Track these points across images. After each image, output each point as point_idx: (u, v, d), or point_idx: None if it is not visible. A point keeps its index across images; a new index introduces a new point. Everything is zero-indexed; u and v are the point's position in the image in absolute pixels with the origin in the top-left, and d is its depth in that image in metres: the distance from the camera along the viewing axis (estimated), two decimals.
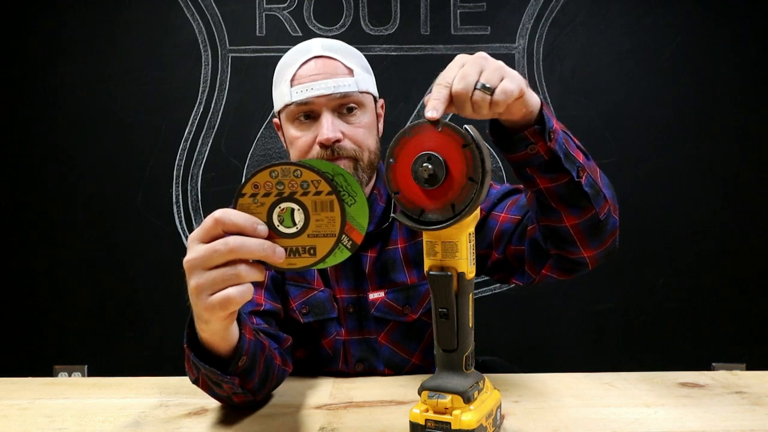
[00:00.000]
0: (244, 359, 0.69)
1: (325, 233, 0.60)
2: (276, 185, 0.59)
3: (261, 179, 0.59)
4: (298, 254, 0.60)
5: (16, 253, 2.05)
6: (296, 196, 0.59)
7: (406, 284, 0.99)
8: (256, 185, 0.59)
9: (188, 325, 0.67)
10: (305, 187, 0.59)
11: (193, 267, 0.58)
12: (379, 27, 2.02)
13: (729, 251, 2.01)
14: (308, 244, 0.60)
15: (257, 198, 0.59)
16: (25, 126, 2.04)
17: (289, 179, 0.59)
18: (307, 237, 0.60)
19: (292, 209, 0.60)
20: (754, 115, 2.00)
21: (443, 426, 0.60)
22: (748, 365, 1.95)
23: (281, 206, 0.60)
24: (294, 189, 0.59)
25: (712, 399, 0.82)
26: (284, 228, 0.60)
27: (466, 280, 0.62)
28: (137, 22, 2.03)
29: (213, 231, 0.58)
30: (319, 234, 0.60)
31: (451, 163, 0.58)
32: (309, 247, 0.60)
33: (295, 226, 0.60)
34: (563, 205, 0.78)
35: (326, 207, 0.60)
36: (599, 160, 0.83)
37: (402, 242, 1.00)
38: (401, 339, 0.99)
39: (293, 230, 0.60)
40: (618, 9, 2.01)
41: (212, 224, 0.58)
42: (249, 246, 0.57)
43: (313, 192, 0.59)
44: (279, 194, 0.59)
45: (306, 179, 0.59)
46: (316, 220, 0.60)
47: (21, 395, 0.87)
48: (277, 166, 0.59)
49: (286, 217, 0.60)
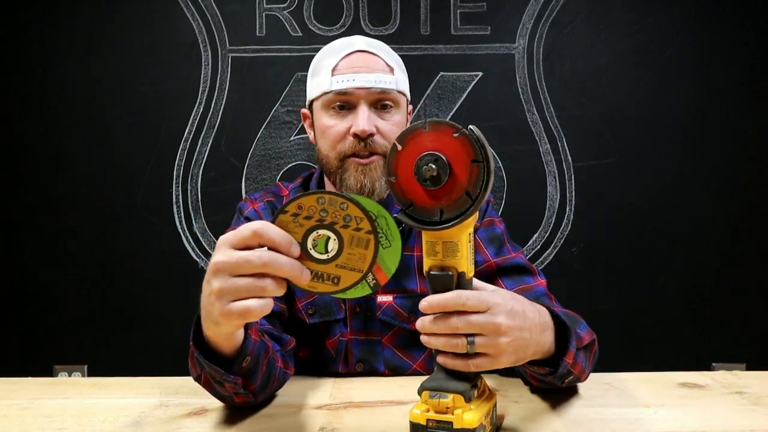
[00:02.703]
0: (248, 360, 0.69)
1: (353, 267, 0.62)
2: (320, 212, 0.61)
3: (307, 202, 0.61)
4: (322, 280, 0.62)
5: (16, 253, 2.05)
6: (336, 227, 0.61)
7: (416, 292, 0.99)
8: (301, 206, 0.61)
9: (195, 322, 0.67)
10: (347, 220, 0.61)
11: (220, 270, 0.58)
12: (379, 27, 2.02)
13: (729, 251, 2.00)
14: (334, 273, 0.62)
15: (298, 219, 0.61)
16: (24, 126, 2.04)
17: (334, 209, 0.61)
18: (335, 267, 0.62)
19: (328, 237, 0.61)
20: (755, 115, 2.00)
21: (445, 426, 0.61)
22: (748, 365, 1.95)
23: (319, 232, 0.61)
24: (336, 220, 0.61)
25: (712, 399, 0.82)
26: (316, 253, 0.61)
27: (466, 279, 0.62)
28: (137, 22, 2.02)
29: (249, 240, 0.58)
30: (347, 267, 0.62)
31: (455, 171, 0.58)
32: (334, 276, 0.62)
33: (326, 254, 0.61)
34: (535, 380, 0.79)
35: (362, 244, 0.61)
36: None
37: (419, 250, 0.99)
38: (405, 344, 0.99)
39: (324, 257, 0.61)
40: (618, 9, 2.01)
41: (250, 234, 0.58)
42: (281, 263, 0.58)
43: (353, 227, 0.61)
44: (320, 220, 0.61)
45: (350, 213, 0.61)
46: (348, 254, 0.61)
47: (21, 395, 0.87)
48: (326, 194, 0.61)
49: (321, 244, 0.61)
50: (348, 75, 0.93)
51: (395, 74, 0.96)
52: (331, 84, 0.93)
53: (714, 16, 1.99)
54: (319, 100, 0.96)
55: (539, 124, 2.01)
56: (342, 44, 0.98)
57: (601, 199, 2.01)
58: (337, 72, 0.94)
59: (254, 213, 1.02)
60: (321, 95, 0.96)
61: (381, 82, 0.93)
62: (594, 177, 2.00)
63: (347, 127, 0.93)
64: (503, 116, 2.02)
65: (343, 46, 0.97)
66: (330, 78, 0.94)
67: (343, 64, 0.95)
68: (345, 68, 0.94)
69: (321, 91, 0.95)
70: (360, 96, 0.93)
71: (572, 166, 2.00)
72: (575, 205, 2.01)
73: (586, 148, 2.00)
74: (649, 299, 2.01)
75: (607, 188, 2.00)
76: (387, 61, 0.96)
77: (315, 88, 0.97)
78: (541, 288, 0.94)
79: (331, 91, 0.93)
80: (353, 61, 0.95)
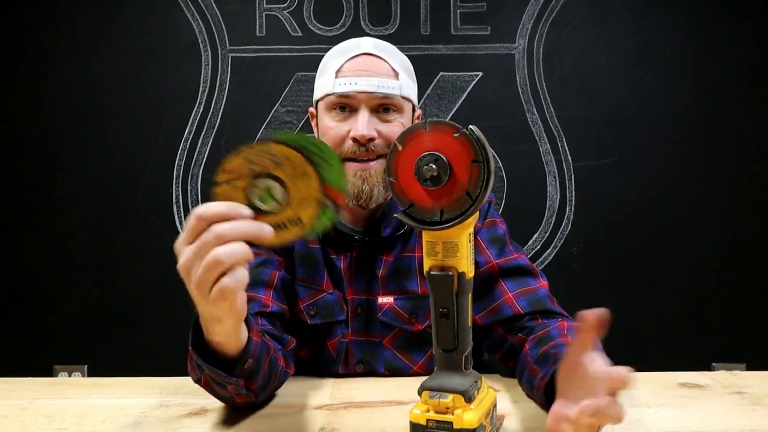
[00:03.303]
0: (250, 362, 0.69)
1: (307, 201, 0.59)
2: (249, 167, 0.59)
3: (232, 164, 0.59)
4: (286, 227, 0.60)
5: (17, 253, 2.05)
6: (271, 172, 0.59)
7: (417, 293, 0.98)
8: (229, 171, 0.59)
9: (193, 327, 0.67)
10: (278, 161, 0.59)
11: (188, 270, 0.57)
12: (379, 27, 2.02)
13: (729, 251, 2.01)
14: (292, 215, 0.60)
15: (233, 183, 0.59)
16: (24, 126, 2.04)
17: (261, 158, 0.58)
18: (291, 209, 0.59)
19: (269, 186, 0.59)
20: (755, 115, 2.00)
21: (445, 426, 0.60)
22: (748, 365, 1.95)
23: (258, 185, 0.59)
24: (266, 166, 0.59)
25: (712, 399, 0.82)
26: (267, 206, 0.59)
27: (466, 279, 0.62)
28: (137, 22, 2.02)
29: (198, 228, 0.56)
30: (301, 203, 0.59)
31: (455, 171, 0.58)
32: (294, 218, 0.60)
33: (275, 202, 0.59)
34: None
35: (302, 176, 0.59)
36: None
37: (419, 251, 0.99)
38: (406, 346, 0.99)
39: (275, 206, 0.59)
40: (618, 9, 2.01)
41: (195, 222, 0.56)
42: (236, 229, 0.56)
43: (286, 164, 0.59)
44: (254, 174, 0.59)
45: (277, 153, 0.59)
46: (294, 191, 0.59)
47: (21, 395, 0.87)
48: (245, 148, 0.58)
49: (265, 195, 0.59)
50: (351, 78, 0.93)
51: (400, 79, 0.95)
52: (333, 86, 0.93)
53: (714, 16, 1.99)
54: (323, 100, 0.97)
55: (539, 124, 2.01)
56: (349, 45, 0.97)
57: (601, 199, 2.01)
58: (341, 74, 0.94)
59: None
60: (324, 96, 0.96)
61: (383, 87, 0.93)
62: (594, 177, 2.00)
63: (347, 131, 0.93)
64: (503, 116, 2.02)
65: (351, 47, 0.97)
66: (333, 80, 0.94)
67: (347, 67, 0.94)
68: (348, 71, 0.94)
69: (324, 92, 0.95)
70: (361, 100, 0.92)
71: (572, 166, 2.00)
72: (575, 205, 2.01)
73: (586, 148, 2.00)
74: (649, 299, 2.01)
75: (607, 188, 2.00)
76: (393, 66, 0.96)
77: (320, 89, 0.98)
78: (543, 290, 0.94)
79: (333, 93, 0.93)
80: (358, 64, 0.94)
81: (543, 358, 0.76)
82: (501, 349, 0.92)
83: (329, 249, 1.00)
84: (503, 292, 0.93)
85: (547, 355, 0.75)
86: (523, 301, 0.91)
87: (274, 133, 0.62)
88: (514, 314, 0.90)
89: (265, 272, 0.93)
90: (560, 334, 0.81)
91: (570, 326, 0.83)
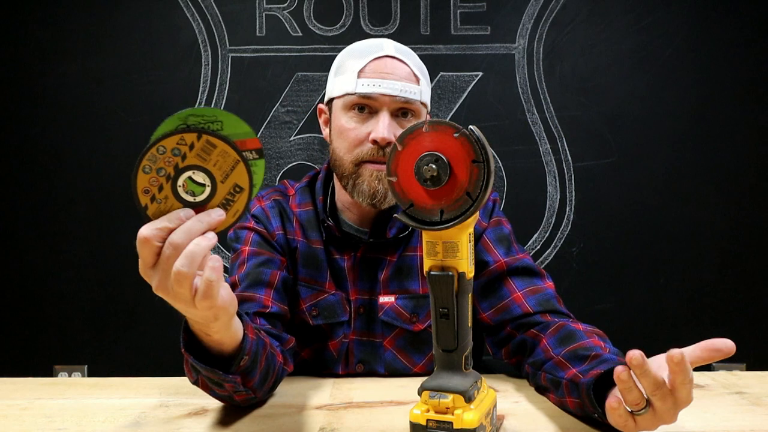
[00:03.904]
0: (246, 358, 0.69)
1: (231, 166, 0.58)
2: (158, 174, 0.57)
3: (143, 183, 0.58)
4: (232, 202, 0.59)
5: (16, 252, 2.05)
6: (181, 165, 0.57)
7: (418, 293, 0.98)
8: (146, 190, 0.58)
9: (183, 330, 0.67)
10: (178, 153, 0.57)
11: (164, 290, 0.57)
12: (379, 27, 2.02)
13: (729, 251, 2.00)
14: (229, 187, 0.58)
15: (157, 197, 0.58)
16: (24, 126, 2.04)
17: (161, 160, 0.57)
18: (223, 184, 0.58)
19: (189, 177, 0.58)
20: (755, 115, 2.00)
21: (445, 426, 0.60)
22: (748, 365, 1.95)
23: (180, 184, 0.58)
24: (173, 162, 0.57)
25: (712, 399, 0.82)
26: (201, 196, 0.58)
27: (466, 279, 0.62)
28: (137, 22, 2.02)
29: (150, 252, 0.56)
30: (228, 172, 0.58)
31: (455, 171, 0.58)
32: (232, 188, 0.59)
33: (206, 187, 0.58)
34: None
35: (209, 149, 0.58)
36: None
37: (420, 250, 0.99)
38: (406, 347, 0.99)
39: (208, 190, 0.58)
40: (618, 9, 2.01)
41: (144, 247, 0.56)
42: (188, 231, 0.56)
43: (187, 150, 0.57)
44: (168, 178, 0.57)
45: (171, 146, 0.57)
46: (214, 165, 0.58)
47: (21, 395, 0.87)
48: (142, 161, 0.57)
49: (193, 187, 0.58)
50: (375, 80, 0.92)
51: (420, 84, 0.95)
52: (356, 86, 0.92)
53: (714, 16, 1.99)
54: (341, 99, 0.95)
55: (539, 124, 2.01)
56: (371, 46, 0.96)
57: (601, 199, 2.01)
58: (364, 75, 0.93)
59: (261, 211, 1.01)
60: (344, 95, 0.94)
61: (406, 91, 0.93)
62: (594, 177, 2.00)
63: (367, 133, 0.92)
64: (503, 116, 2.02)
65: (373, 48, 0.96)
66: (356, 80, 0.93)
67: (370, 68, 0.93)
68: (372, 72, 0.93)
69: (344, 91, 0.94)
70: (384, 102, 0.92)
71: (572, 166, 2.00)
72: (575, 205, 2.01)
73: (586, 148, 2.00)
74: (649, 299, 2.01)
75: (607, 188, 2.00)
76: (414, 71, 0.96)
77: (338, 87, 0.96)
78: (551, 291, 0.94)
79: (356, 93, 0.92)
80: (381, 65, 0.94)
81: (575, 356, 0.76)
82: (508, 345, 0.92)
83: (333, 249, 1.00)
84: (512, 291, 0.93)
85: (581, 356, 0.76)
86: (532, 300, 0.92)
87: (155, 132, 0.59)
88: (524, 313, 0.91)
89: (266, 272, 0.93)
90: (587, 335, 0.81)
91: (587, 328, 0.84)
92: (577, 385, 0.71)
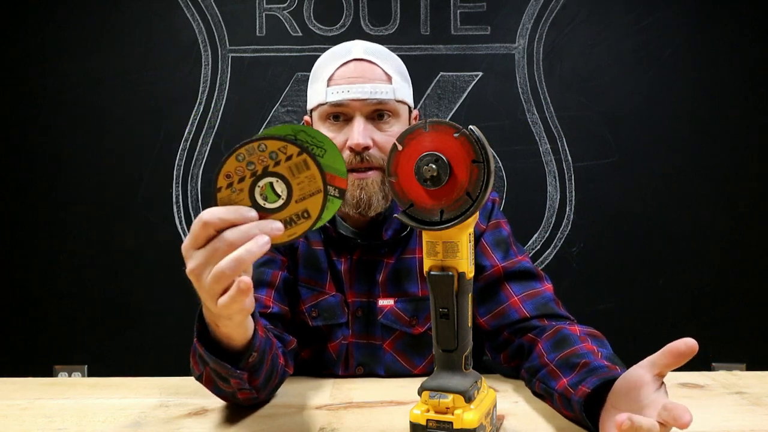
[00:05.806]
0: (255, 355, 0.69)
1: (311, 192, 0.59)
2: (247, 167, 0.58)
3: (230, 167, 0.58)
4: (294, 222, 0.60)
5: (16, 252, 2.05)
6: (270, 170, 0.58)
7: (417, 296, 0.98)
8: (228, 175, 0.58)
9: (197, 320, 0.67)
10: (275, 157, 0.58)
11: (197, 276, 0.57)
12: (379, 27, 2.02)
13: (729, 251, 2.01)
14: (299, 209, 0.59)
15: (234, 186, 0.59)
16: (25, 126, 2.04)
17: (257, 156, 0.58)
18: (296, 203, 0.59)
19: (271, 183, 0.59)
20: (754, 115, 2.00)
21: (445, 426, 0.60)
22: (748, 365, 1.95)
23: (260, 185, 0.59)
24: (265, 163, 0.58)
25: (712, 399, 0.82)
26: (271, 204, 0.59)
27: (466, 279, 0.62)
28: (137, 22, 2.03)
29: (204, 234, 0.56)
30: (306, 195, 0.59)
31: (455, 171, 0.58)
32: (302, 211, 0.60)
33: (280, 198, 0.59)
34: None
35: (302, 167, 0.59)
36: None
37: (420, 251, 0.98)
38: (406, 350, 0.99)
39: (281, 202, 0.59)
40: (618, 9, 2.01)
41: (201, 229, 0.56)
42: (247, 233, 0.56)
43: (284, 159, 0.58)
44: (253, 174, 0.58)
45: (272, 149, 0.58)
46: (297, 184, 0.59)
47: (21, 395, 0.87)
48: (240, 148, 0.58)
49: (269, 193, 0.59)
50: (343, 86, 0.90)
51: (394, 83, 0.93)
52: (326, 95, 0.91)
53: (714, 16, 1.99)
54: (316, 110, 0.95)
55: (539, 124, 2.01)
56: (340, 51, 0.95)
57: (601, 199, 2.01)
58: (333, 82, 0.92)
59: None
60: (317, 106, 0.94)
61: (377, 92, 0.90)
62: (594, 177, 2.00)
63: (344, 140, 0.91)
64: (503, 116, 2.02)
65: (341, 53, 0.95)
66: (326, 89, 0.92)
67: (338, 74, 0.92)
68: (340, 78, 0.92)
69: (317, 102, 0.93)
70: (356, 107, 0.90)
71: (572, 166, 2.00)
72: (575, 205, 2.01)
73: (586, 148, 2.00)
74: (649, 299, 2.01)
75: (607, 188, 2.00)
76: (385, 70, 0.93)
77: (312, 98, 0.96)
78: (549, 294, 0.93)
79: (326, 102, 0.91)
80: (350, 70, 0.92)
81: (566, 364, 0.75)
82: (507, 349, 0.92)
83: (332, 251, 0.99)
84: (509, 296, 0.93)
85: (572, 364, 0.75)
86: (529, 305, 0.91)
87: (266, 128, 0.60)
88: (521, 317, 0.90)
89: (267, 272, 0.93)
90: (580, 340, 0.80)
91: (583, 331, 0.83)
92: (569, 401, 0.70)
